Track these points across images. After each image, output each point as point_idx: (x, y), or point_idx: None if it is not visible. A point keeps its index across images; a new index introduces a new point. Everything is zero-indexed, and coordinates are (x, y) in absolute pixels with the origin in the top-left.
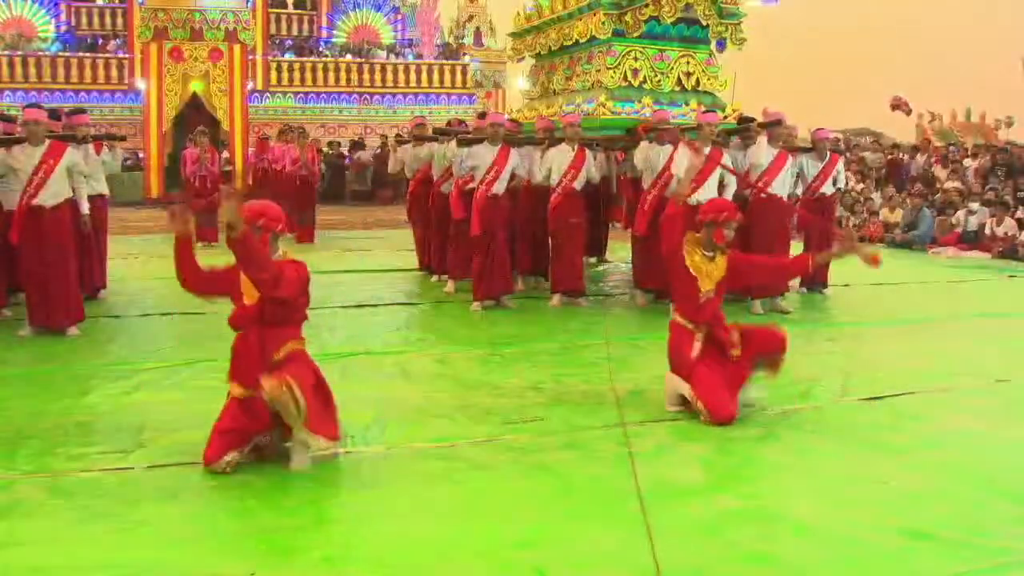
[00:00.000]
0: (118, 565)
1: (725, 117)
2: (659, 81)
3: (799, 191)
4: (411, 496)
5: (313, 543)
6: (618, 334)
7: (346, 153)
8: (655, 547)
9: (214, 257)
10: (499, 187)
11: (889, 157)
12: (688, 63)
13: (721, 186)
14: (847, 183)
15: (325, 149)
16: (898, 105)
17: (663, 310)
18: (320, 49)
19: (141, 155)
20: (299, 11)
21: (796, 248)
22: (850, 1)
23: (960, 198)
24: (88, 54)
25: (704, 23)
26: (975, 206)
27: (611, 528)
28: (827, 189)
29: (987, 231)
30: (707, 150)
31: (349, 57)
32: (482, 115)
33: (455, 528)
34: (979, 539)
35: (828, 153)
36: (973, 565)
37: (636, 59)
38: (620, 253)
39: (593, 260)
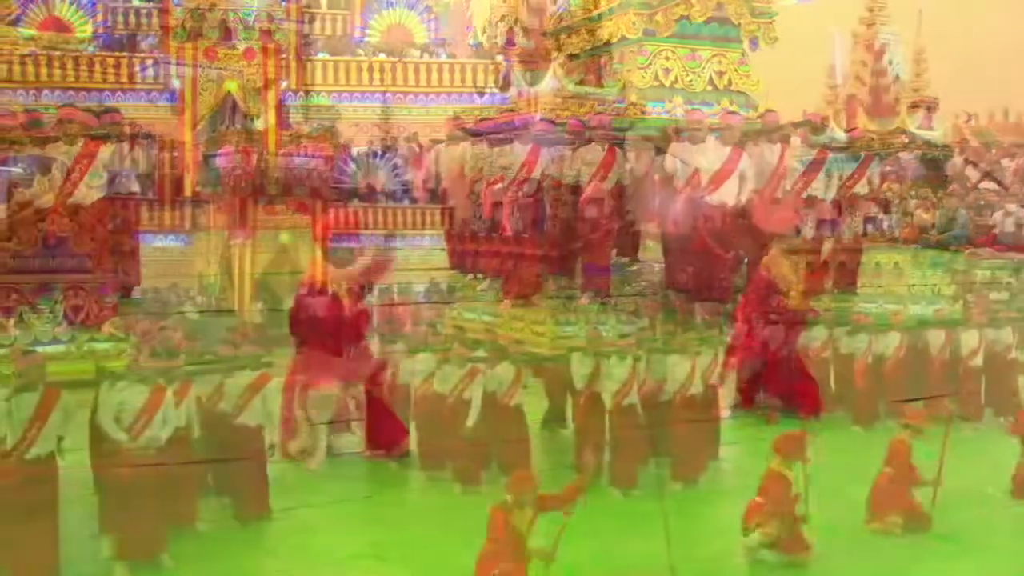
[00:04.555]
0: None
1: (759, 116)
2: (690, 81)
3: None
4: None
5: None
6: None
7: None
8: None
9: None
10: (530, 187)
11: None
12: (720, 62)
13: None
14: (882, 183)
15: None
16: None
17: None
18: (354, 48)
19: (175, 154)
20: (333, 11)
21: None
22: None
23: (997, 199)
24: (123, 54)
25: (736, 22)
26: (1012, 207)
27: None
28: (860, 190)
29: None
30: (728, 149)
31: (383, 56)
32: (509, 111)
33: None
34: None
35: (862, 153)
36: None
37: (667, 59)
38: (652, 253)
39: (625, 260)
